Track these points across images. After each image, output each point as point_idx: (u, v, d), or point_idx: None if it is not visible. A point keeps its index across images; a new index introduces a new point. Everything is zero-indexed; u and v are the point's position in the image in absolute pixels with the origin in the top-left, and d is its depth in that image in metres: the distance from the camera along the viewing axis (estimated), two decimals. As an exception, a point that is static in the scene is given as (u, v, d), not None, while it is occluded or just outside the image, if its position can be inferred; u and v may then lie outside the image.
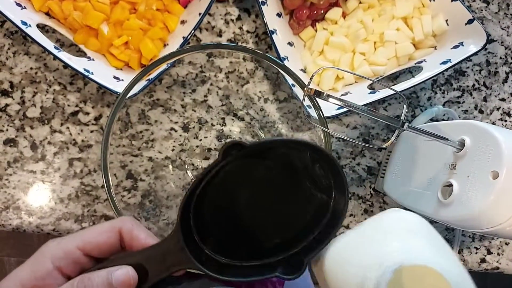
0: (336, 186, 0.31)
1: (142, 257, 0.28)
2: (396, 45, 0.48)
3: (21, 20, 0.42)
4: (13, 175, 0.48)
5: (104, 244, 0.28)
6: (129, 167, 0.48)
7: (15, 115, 0.49)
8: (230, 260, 0.31)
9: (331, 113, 0.45)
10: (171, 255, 0.29)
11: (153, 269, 0.28)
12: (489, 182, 0.32)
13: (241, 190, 0.32)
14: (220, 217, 0.32)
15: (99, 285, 0.26)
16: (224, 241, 0.32)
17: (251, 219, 0.32)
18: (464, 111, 0.53)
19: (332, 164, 0.30)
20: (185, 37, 0.46)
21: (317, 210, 0.32)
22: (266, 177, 0.32)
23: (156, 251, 0.29)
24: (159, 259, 0.28)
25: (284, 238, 0.32)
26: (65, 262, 0.27)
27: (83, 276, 0.26)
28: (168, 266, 0.29)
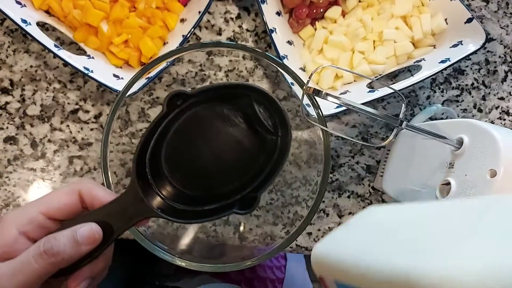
0: (280, 123, 0.34)
1: (104, 213, 0.30)
2: (395, 44, 0.48)
3: (21, 18, 0.42)
4: (13, 172, 0.49)
5: (66, 206, 0.29)
6: (129, 165, 0.48)
7: (15, 113, 0.49)
8: (189, 206, 0.33)
9: (330, 111, 0.45)
10: (131, 207, 0.30)
11: (116, 223, 0.30)
12: (487, 181, 0.32)
13: (197, 139, 0.34)
14: (178, 166, 0.34)
15: (65, 244, 0.26)
16: (184, 189, 0.34)
17: (208, 166, 0.34)
18: (463, 109, 0.53)
19: (273, 102, 0.33)
20: (184, 36, 0.46)
21: (268, 150, 0.34)
22: (220, 125, 0.34)
23: (117, 205, 0.30)
24: (120, 213, 0.30)
25: (240, 181, 0.34)
26: (30, 227, 0.27)
27: (48, 237, 0.27)
28: (130, 217, 0.30)
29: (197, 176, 0.34)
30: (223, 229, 0.48)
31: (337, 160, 0.52)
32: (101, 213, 0.30)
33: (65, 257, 0.27)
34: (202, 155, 0.34)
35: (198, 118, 0.34)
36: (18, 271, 0.26)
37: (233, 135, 0.34)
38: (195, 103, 0.34)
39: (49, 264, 0.26)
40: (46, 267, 0.26)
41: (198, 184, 0.34)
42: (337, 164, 0.52)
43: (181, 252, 0.42)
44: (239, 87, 0.34)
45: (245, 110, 0.34)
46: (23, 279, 0.26)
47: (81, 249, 0.27)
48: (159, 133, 0.33)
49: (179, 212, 0.33)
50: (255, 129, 0.34)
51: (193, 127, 0.34)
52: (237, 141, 0.34)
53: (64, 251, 0.26)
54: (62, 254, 0.26)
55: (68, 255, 0.27)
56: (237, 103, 0.34)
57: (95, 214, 0.30)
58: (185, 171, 0.34)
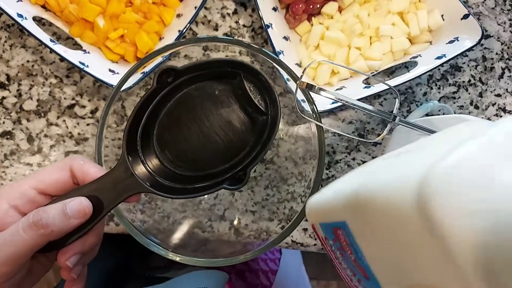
0: (270, 101, 0.34)
1: (94, 188, 0.30)
2: (391, 40, 0.48)
3: (17, 13, 0.42)
4: (10, 167, 0.49)
5: (57, 181, 0.29)
6: (124, 160, 0.48)
7: (12, 108, 0.49)
8: (179, 184, 0.33)
9: (326, 107, 0.45)
10: (121, 182, 0.31)
11: (107, 198, 0.30)
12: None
13: (188, 119, 0.34)
14: (169, 145, 0.34)
15: (55, 216, 0.27)
16: (173, 168, 0.34)
17: (199, 147, 0.34)
18: (459, 106, 0.53)
19: (262, 79, 0.33)
20: (180, 31, 0.46)
21: (258, 130, 0.35)
22: (212, 106, 0.35)
23: (107, 180, 0.30)
24: (110, 188, 0.30)
25: (230, 161, 0.34)
26: (21, 201, 0.28)
27: (38, 209, 0.27)
28: (120, 192, 0.30)
29: (188, 156, 0.34)
30: (218, 225, 0.48)
31: (333, 157, 0.52)
32: (91, 187, 0.30)
33: (55, 229, 0.27)
34: (193, 136, 0.34)
35: (190, 99, 0.34)
36: (8, 242, 0.26)
37: (224, 116, 0.35)
38: (187, 82, 0.34)
39: (38, 236, 0.26)
40: (35, 238, 0.26)
41: (189, 163, 0.34)
42: (333, 161, 0.52)
43: (175, 246, 0.42)
44: (228, 63, 0.34)
45: (236, 90, 0.35)
46: (13, 250, 0.26)
47: (71, 222, 0.27)
48: (150, 111, 0.33)
49: (169, 189, 0.33)
50: (246, 110, 0.34)
51: (185, 108, 0.34)
52: (228, 121, 0.35)
53: (54, 223, 0.26)
54: (51, 226, 0.26)
55: (58, 228, 0.27)
56: (228, 83, 0.35)
57: (86, 189, 0.30)
58: (176, 151, 0.34)
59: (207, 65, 0.34)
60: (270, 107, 0.35)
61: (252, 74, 0.34)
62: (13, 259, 0.26)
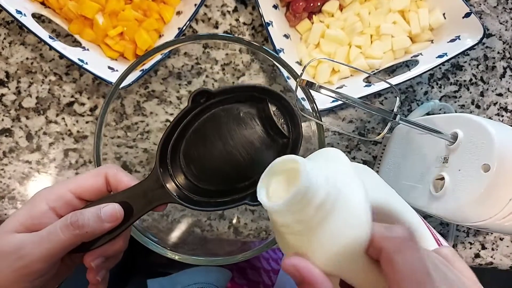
0: (292, 124, 0.36)
1: (126, 196, 0.32)
2: (392, 39, 0.48)
3: (16, 9, 0.42)
4: (9, 165, 0.48)
5: (92, 187, 0.31)
6: (124, 159, 0.48)
7: (11, 105, 0.49)
8: (202, 198, 0.36)
9: (326, 106, 0.44)
10: (151, 192, 0.33)
11: (137, 205, 0.32)
12: (480, 176, 0.32)
13: (214, 138, 0.36)
14: (194, 161, 0.36)
15: (90, 218, 0.29)
16: (197, 182, 0.36)
17: (223, 164, 0.36)
18: (460, 105, 0.52)
19: (287, 104, 0.36)
20: (180, 28, 0.46)
21: (279, 151, 0.37)
22: (237, 127, 0.37)
23: (138, 189, 0.32)
24: (141, 196, 0.32)
25: (252, 179, 0.36)
26: (59, 204, 0.30)
27: (75, 212, 0.29)
28: (150, 201, 0.32)
29: (211, 172, 0.37)
30: (218, 224, 0.48)
31: (333, 155, 0.51)
32: (124, 195, 0.32)
33: (89, 231, 0.29)
34: (217, 153, 0.37)
35: (217, 118, 0.37)
36: (46, 239, 0.28)
37: (247, 137, 0.37)
38: (216, 104, 0.37)
39: (74, 236, 0.28)
40: (70, 238, 0.28)
41: (212, 178, 0.37)
42: (333, 159, 0.51)
43: (174, 245, 0.42)
44: (256, 89, 0.36)
45: (260, 113, 0.37)
46: (49, 246, 0.28)
47: (104, 225, 0.30)
48: (182, 127, 0.36)
49: (194, 201, 0.35)
50: (268, 132, 0.37)
51: (211, 127, 0.37)
52: (250, 142, 0.37)
53: (88, 225, 0.29)
54: (86, 228, 0.29)
55: (91, 229, 0.29)
56: (253, 106, 0.37)
57: (119, 196, 0.32)
58: (200, 166, 0.37)
59: (237, 89, 0.37)
60: (292, 130, 0.37)
61: (277, 99, 0.36)
62: (49, 256, 0.28)
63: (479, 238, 0.52)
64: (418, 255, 0.21)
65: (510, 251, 0.52)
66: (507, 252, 0.52)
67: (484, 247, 0.52)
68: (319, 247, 0.24)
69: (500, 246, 0.52)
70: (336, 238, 0.23)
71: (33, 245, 0.28)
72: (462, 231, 0.52)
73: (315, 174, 0.24)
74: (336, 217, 0.24)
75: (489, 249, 0.52)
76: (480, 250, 0.52)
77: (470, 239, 0.52)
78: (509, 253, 0.52)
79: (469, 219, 0.33)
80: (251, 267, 0.47)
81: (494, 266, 0.53)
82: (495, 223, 0.32)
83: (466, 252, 0.52)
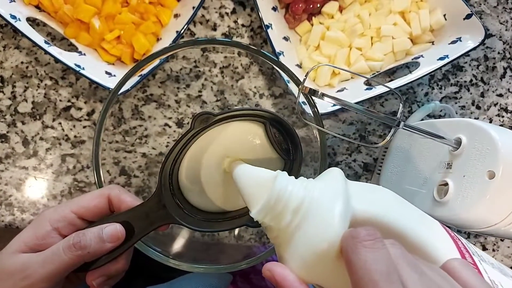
0: (293, 146, 0.37)
1: (128, 216, 0.32)
2: (393, 40, 0.47)
3: (10, 14, 0.41)
4: (5, 171, 0.48)
5: (95, 207, 0.32)
6: (122, 164, 0.48)
7: (6, 110, 0.48)
8: (204, 218, 0.36)
9: (327, 109, 0.44)
10: (153, 212, 0.33)
11: (139, 226, 0.32)
12: (485, 182, 0.32)
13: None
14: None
15: (92, 239, 0.30)
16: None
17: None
18: (461, 106, 0.52)
19: (286, 127, 0.36)
20: (178, 31, 0.45)
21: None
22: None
23: (141, 210, 0.33)
24: (143, 217, 0.32)
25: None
26: (62, 224, 0.31)
27: (78, 232, 0.30)
28: (151, 222, 0.33)
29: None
30: (218, 228, 0.48)
31: (334, 158, 0.51)
32: (126, 215, 0.32)
33: (91, 251, 0.30)
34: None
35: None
36: (49, 259, 0.29)
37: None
38: (217, 122, 0.36)
39: (76, 256, 0.29)
40: (73, 258, 0.29)
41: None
42: (334, 162, 0.51)
43: (175, 253, 0.41)
44: (258, 113, 0.37)
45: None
46: (53, 267, 0.29)
47: (105, 245, 0.30)
48: (182, 147, 0.36)
49: (196, 223, 0.36)
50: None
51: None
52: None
53: (90, 245, 0.29)
54: (88, 248, 0.29)
55: (94, 250, 0.30)
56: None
57: (121, 216, 0.32)
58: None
59: (238, 112, 0.37)
60: (293, 152, 0.37)
61: (277, 121, 0.37)
62: (53, 276, 0.29)
63: (480, 240, 0.52)
64: (378, 255, 0.20)
65: (511, 252, 0.53)
66: (508, 253, 0.52)
67: (485, 248, 0.52)
68: (294, 253, 0.25)
69: (501, 247, 0.52)
70: (308, 244, 0.24)
71: (37, 265, 0.29)
72: (464, 233, 0.52)
73: (292, 182, 0.27)
74: (310, 223, 0.24)
75: (490, 250, 0.52)
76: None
77: (471, 240, 0.52)
78: (510, 253, 0.53)
79: (474, 226, 0.33)
80: (255, 272, 0.46)
81: (495, 267, 0.53)
82: (500, 229, 0.32)
83: (467, 253, 0.52)
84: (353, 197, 0.25)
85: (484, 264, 0.27)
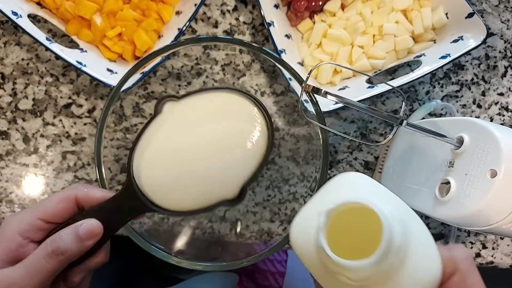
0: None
1: (102, 211, 0.32)
2: (395, 39, 0.47)
3: (12, 10, 0.41)
4: (6, 168, 0.48)
5: (61, 211, 0.31)
6: (123, 161, 0.48)
7: (7, 107, 0.48)
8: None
9: (329, 108, 0.44)
10: (127, 204, 0.33)
11: (113, 220, 0.32)
12: (487, 181, 0.32)
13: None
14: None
15: (69, 240, 0.29)
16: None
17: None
18: (462, 105, 0.52)
19: (255, 100, 0.36)
20: (180, 29, 0.45)
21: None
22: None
23: (114, 203, 0.32)
24: (117, 209, 0.32)
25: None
26: (32, 233, 0.30)
27: (53, 237, 0.30)
28: (126, 213, 0.33)
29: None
30: (219, 226, 0.48)
31: (335, 156, 0.51)
32: (99, 210, 0.32)
33: (71, 253, 0.29)
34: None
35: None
36: (34, 272, 0.29)
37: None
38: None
39: (59, 262, 0.29)
40: (56, 264, 0.29)
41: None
42: (335, 160, 0.51)
43: (177, 250, 0.42)
44: (223, 90, 0.36)
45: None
46: (40, 279, 0.29)
47: (85, 244, 0.30)
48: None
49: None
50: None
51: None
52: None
53: (71, 248, 0.29)
54: (69, 251, 0.29)
55: (74, 251, 0.29)
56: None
57: (94, 212, 0.32)
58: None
59: (204, 91, 0.37)
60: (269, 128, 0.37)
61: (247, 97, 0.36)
62: (41, 285, 0.29)
63: (480, 238, 0.52)
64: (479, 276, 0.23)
65: (510, 250, 0.53)
66: (507, 251, 0.53)
67: (485, 246, 0.53)
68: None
69: (501, 245, 0.52)
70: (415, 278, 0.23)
71: (24, 278, 0.28)
72: (463, 231, 0.52)
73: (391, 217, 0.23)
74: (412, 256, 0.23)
75: (489, 248, 0.53)
76: (481, 250, 0.52)
77: (471, 238, 0.52)
78: (510, 252, 0.53)
79: (475, 224, 0.33)
80: (258, 271, 0.47)
81: (495, 265, 0.53)
82: (502, 227, 0.32)
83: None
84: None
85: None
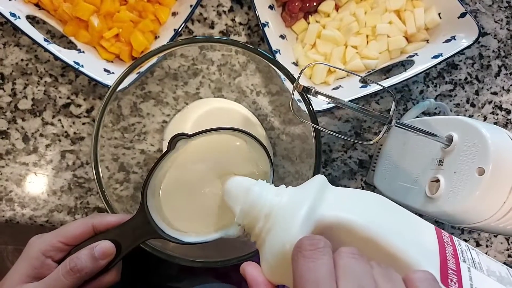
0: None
1: (115, 234, 0.35)
2: (388, 39, 0.48)
3: (10, 12, 0.42)
4: (6, 167, 0.48)
5: (80, 235, 0.35)
6: (121, 160, 0.48)
7: (7, 107, 0.49)
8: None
9: (322, 107, 0.45)
10: (139, 228, 0.35)
11: (126, 242, 0.35)
12: (475, 179, 0.32)
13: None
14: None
15: (86, 259, 0.33)
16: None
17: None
18: (456, 104, 0.53)
19: (260, 144, 0.37)
20: (176, 30, 0.45)
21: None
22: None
23: (127, 227, 0.35)
24: (129, 233, 0.35)
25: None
26: (53, 253, 0.34)
27: (72, 257, 0.34)
28: (138, 237, 0.35)
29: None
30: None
31: (330, 155, 0.52)
32: (113, 233, 0.35)
33: (87, 271, 0.33)
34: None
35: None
36: (53, 286, 0.33)
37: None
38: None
39: (75, 278, 0.33)
40: (73, 281, 0.33)
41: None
42: (330, 159, 0.52)
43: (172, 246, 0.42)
44: (232, 130, 0.38)
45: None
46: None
47: (99, 263, 0.34)
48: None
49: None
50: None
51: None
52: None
53: (86, 266, 0.33)
54: (85, 269, 0.33)
55: (90, 269, 0.33)
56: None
57: (109, 234, 0.35)
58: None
59: (213, 131, 0.37)
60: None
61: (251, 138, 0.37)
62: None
63: (473, 235, 0.53)
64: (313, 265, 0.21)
65: (504, 248, 0.53)
66: (501, 249, 0.53)
67: (478, 244, 0.53)
68: (264, 256, 0.27)
69: (494, 242, 0.53)
70: (273, 247, 0.26)
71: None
72: (457, 229, 0.53)
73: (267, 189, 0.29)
74: (276, 228, 0.26)
75: (483, 246, 0.53)
76: (475, 247, 0.53)
77: (465, 236, 0.53)
78: (503, 249, 0.53)
79: (464, 221, 0.34)
80: None
81: (488, 262, 0.53)
82: (490, 225, 0.33)
83: (461, 249, 0.53)
84: (326, 203, 0.26)
85: (475, 272, 0.25)
